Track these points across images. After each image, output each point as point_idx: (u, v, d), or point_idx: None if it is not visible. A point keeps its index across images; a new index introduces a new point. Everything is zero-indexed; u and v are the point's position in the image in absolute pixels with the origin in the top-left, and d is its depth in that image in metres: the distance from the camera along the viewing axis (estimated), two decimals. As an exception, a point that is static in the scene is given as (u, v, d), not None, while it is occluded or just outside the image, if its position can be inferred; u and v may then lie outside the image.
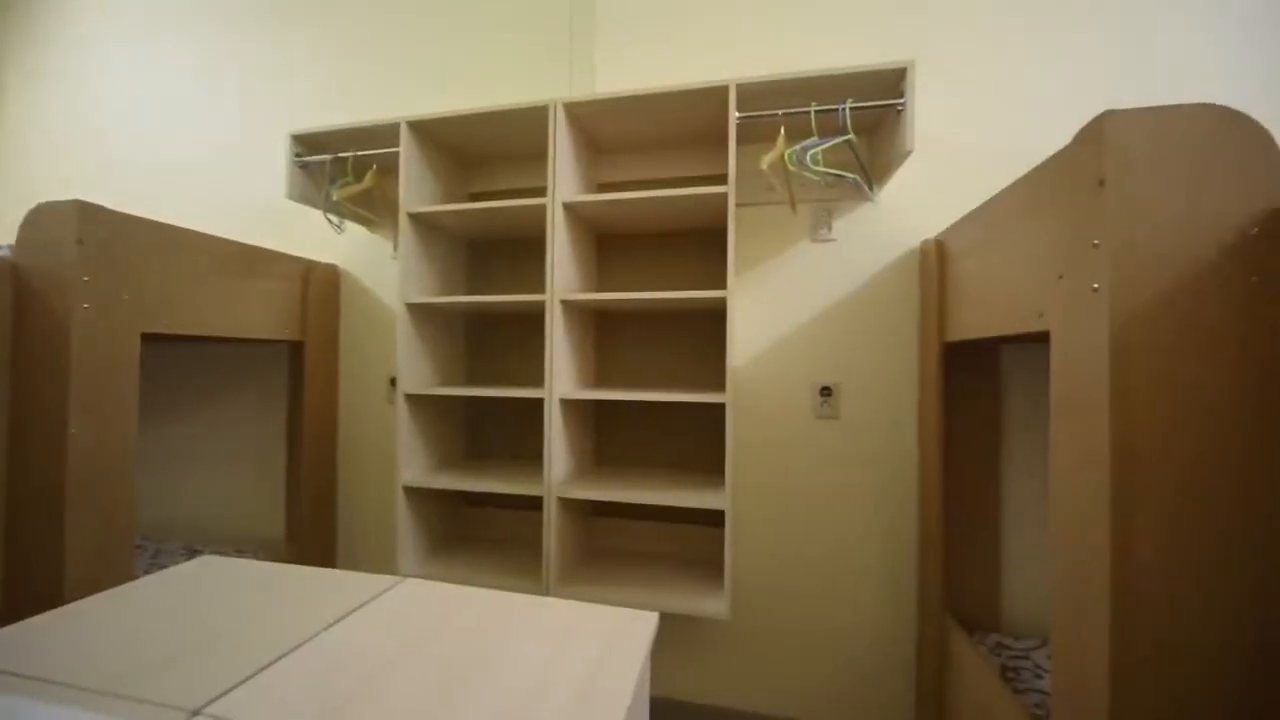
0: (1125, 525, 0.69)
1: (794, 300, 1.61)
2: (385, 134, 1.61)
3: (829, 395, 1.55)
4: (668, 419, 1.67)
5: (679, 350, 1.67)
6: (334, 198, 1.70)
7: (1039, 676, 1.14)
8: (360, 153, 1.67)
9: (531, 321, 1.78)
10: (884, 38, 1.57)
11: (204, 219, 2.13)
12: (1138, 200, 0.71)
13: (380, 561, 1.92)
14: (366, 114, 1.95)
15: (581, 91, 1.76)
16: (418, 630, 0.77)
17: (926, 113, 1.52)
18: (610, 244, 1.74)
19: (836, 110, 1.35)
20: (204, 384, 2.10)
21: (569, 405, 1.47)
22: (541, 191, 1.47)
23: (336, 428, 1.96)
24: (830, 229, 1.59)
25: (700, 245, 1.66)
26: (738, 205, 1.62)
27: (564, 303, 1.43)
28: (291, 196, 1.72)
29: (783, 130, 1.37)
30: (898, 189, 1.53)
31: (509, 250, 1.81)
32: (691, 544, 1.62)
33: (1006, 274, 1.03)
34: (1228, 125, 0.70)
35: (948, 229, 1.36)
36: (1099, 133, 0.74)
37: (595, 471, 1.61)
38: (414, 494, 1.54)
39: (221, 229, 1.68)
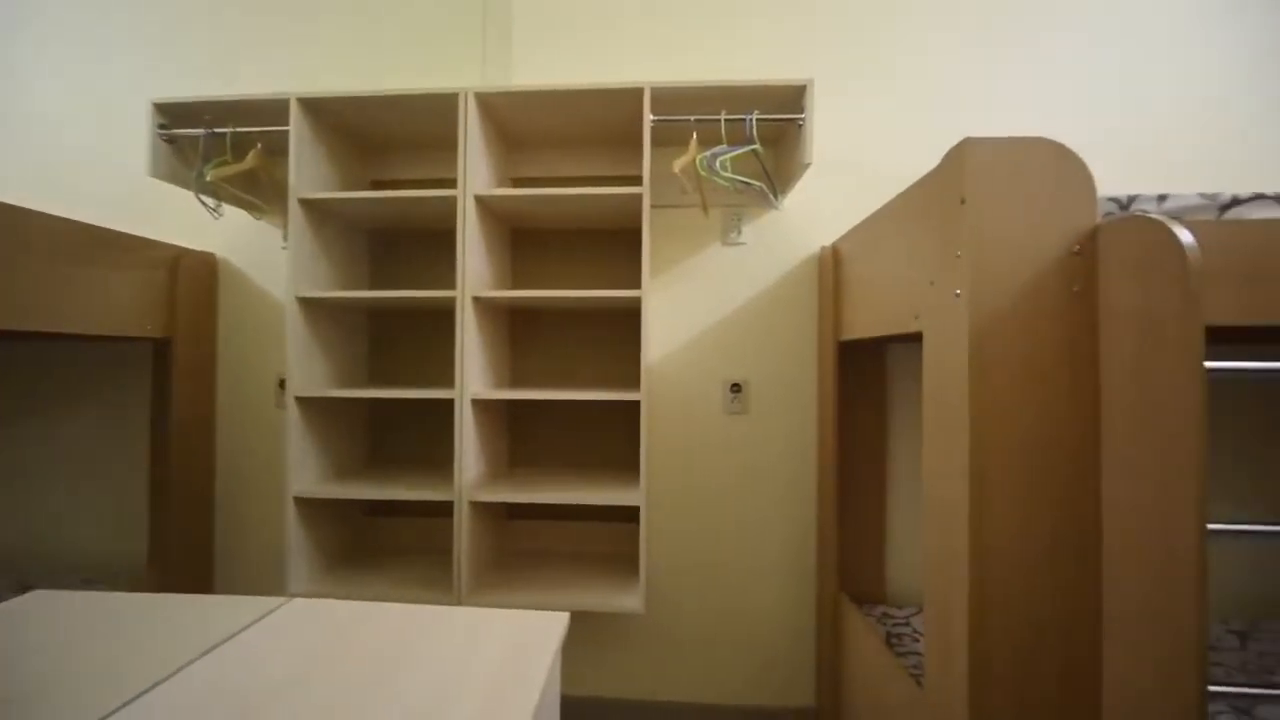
0: (980, 504, 0.79)
1: (707, 301, 1.67)
2: (272, 110, 1.46)
3: (739, 392, 1.63)
4: (585, 418, 1.67)
5: (596, 349, 1.68)
6: (207, 178, 1.51)
7: (916, 640, 1.27)
8: (241, 129, 1.50)
9: (442, 319, 1.70)
10: (788, 56, 1.67)
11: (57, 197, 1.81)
12: (991, 218, 0.82)
13: (269, 583, 1.74)
14: (250, 86, 1.75)
15: (495, 82, 1.71)
16: (304, 656, 0.71)
17: (826, 128, 1.64)
18: (526, 240, 1.70)
19: (744, 120, 1.41)
20: (46, 388, 1.78)
21: (481, 406, 1.42)
22: (452, 183, 1.41)
23: (214, 435, 1.75)
24: (740, 233, 1.67)
25: (617, 244, 1.67)
26: (653, 207, 1.65)
27: (476, 300, 1.38)
28: (155, 174, 1.51)
29: (695, 136, 1.41)
30: (800, 198, 1.64)
31: (417, 244, 1.71)
32: (609, 541, 1.63)
33: (889, 279, 1.14)
34: (1058, 158, 0.82)
35: (842, 236, 1.48)
36: (960, 157, 0.84)
37: (510, 473, 1.57)
38: (307, 506, 1.42)
39: (78, 209, 1.44)
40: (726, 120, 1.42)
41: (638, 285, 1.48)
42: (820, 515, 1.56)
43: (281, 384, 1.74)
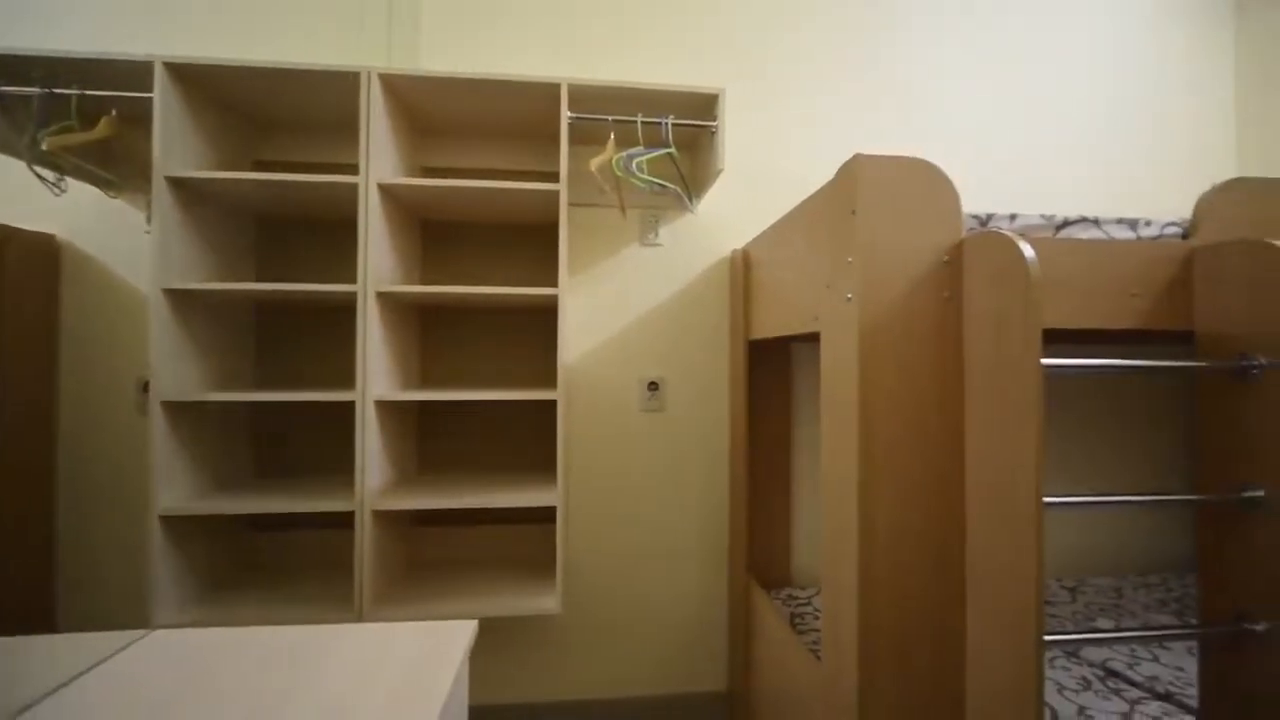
0: (868, 488, 0.87)
1: (625, 300, 1.69)
2: (131, 73, 1.28)
3: (656, 389, 1.66)
4: (500, 418, 1.62)
5: (512, 348, 1.64)
6: (43, 146, 1.29)
7: (817, 618, 1.37)
8: (91, 91, 1.30)
9: (342, 315, 1.58)
10: (703, 67, 1.73)
11: None
12: (878, 228, 0.90)
13: (132, 615, 1.52)
14: (105, 43, 1.52)
15: (403, 64, 1.61)
16: (165, 695, 0.63)
17: (739, 137, 1.71)
18: (438, 234, 1.62)
19: (660, 124, 1.45)
20: None
21: (386, 408, 1.34)
22: (353, 169, 1.31)
23: (54, 446, 1.51)
24: (658, 235, 1.70)
25: (534, 241, 1.64)
26: (571, 205, 1.64)
27: (380, 295, 1.30)
28: (-30, 138, 1.27)
29: (612, 136, 1.42)
30: (714, 202, 1.70)
31: (314, 234, 1.57)
32: (527, 544, 1.60)
33: (792, 282, 1.21)
34: (931, 176, 0.91)
35: (752, 241, 1.55)
36: (851, 172, 0.91)
37: (418, 479, 1.49)
38: (176, 524, 1.26)
39: None
40: (643, 122, 1.44)
41: (555, 283, 1.46)
42: (732, 505, 1.64)
43: (145, 387, 1.53)
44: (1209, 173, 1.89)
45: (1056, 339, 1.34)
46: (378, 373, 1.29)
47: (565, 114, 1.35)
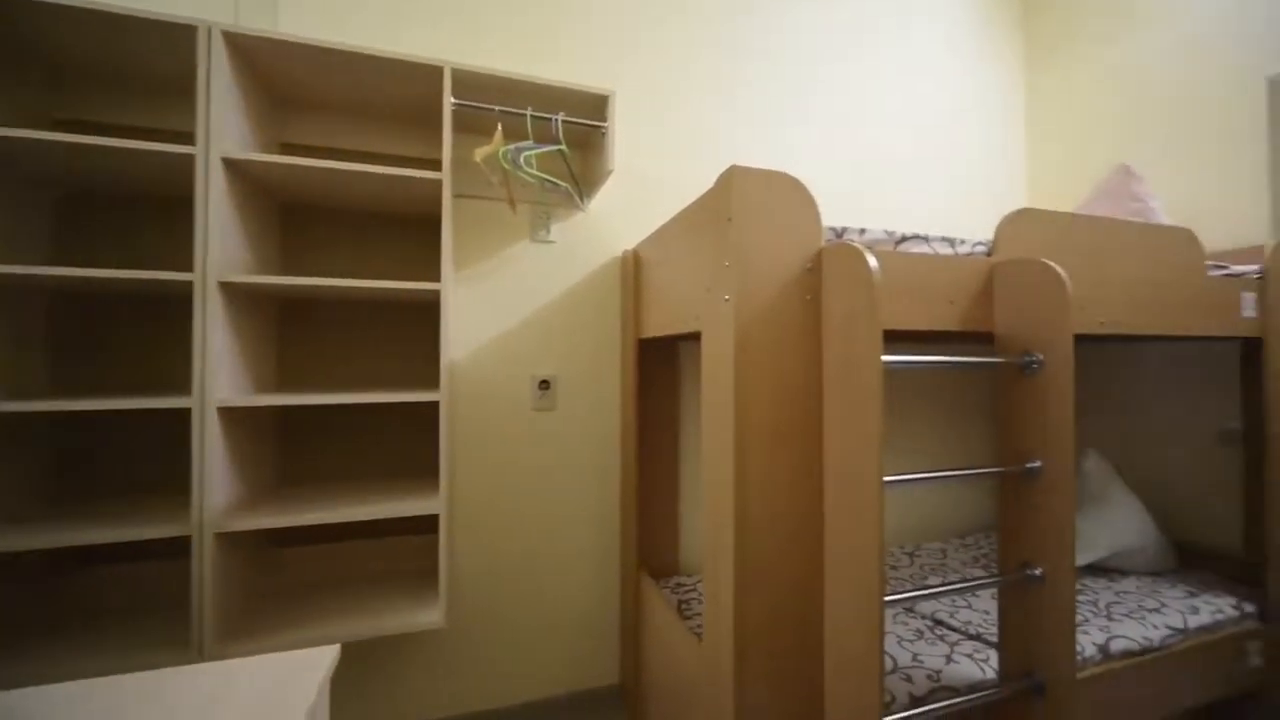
0: (742, 477, 0.94)
1: (515, 297, 1.65)
2: None
3: (547, 388, 1.64)
4: (379, 423, 1.50)
5: (392, 346, 1.52)
6: None
7: (701, 603, 1.44)
8: None
9: (176, 309, 1.36)
10: (596, 64, 1.74)
11: None
12: (752, 235, 0.97)
13: None
14: None
15: (254, 22, 1.43)
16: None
17: (632, 139, 1.75)
18: (304, 220, 1.46)
19: (551, 120, 1.43)
20: None
21: (234, 415, 1.18)
22: (190, 138, 1.14)
23: None
24: (549, 232, 1.68)
25: (419, 234, 1.54)
26: (457, 196, 1.57)
27: (225, 286, 1.14)
28: None
29: (500, 127, 1.38)
30: (606, 201, 1.72)
31: (137, 212, 1.33)
32: (408, 556, 1.50)
33: (677, 284, 1.27)
34: (796, 190, 1.01)
35: (642, 242, 1.60)
36: (728, 181, 0.97)
37: (277, 494, 1.34)
38: (-65, 565, 1.00)
39: None
40: (534, 117, 1.42)
41: (438, 278, 1.38)
42: (623, 500, 1.67)
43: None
44: (1008, 202, 2.30)
45: (901, 339, 1.55)
46: (222, 375, 1.13)
47: (449, 100, 1.29)
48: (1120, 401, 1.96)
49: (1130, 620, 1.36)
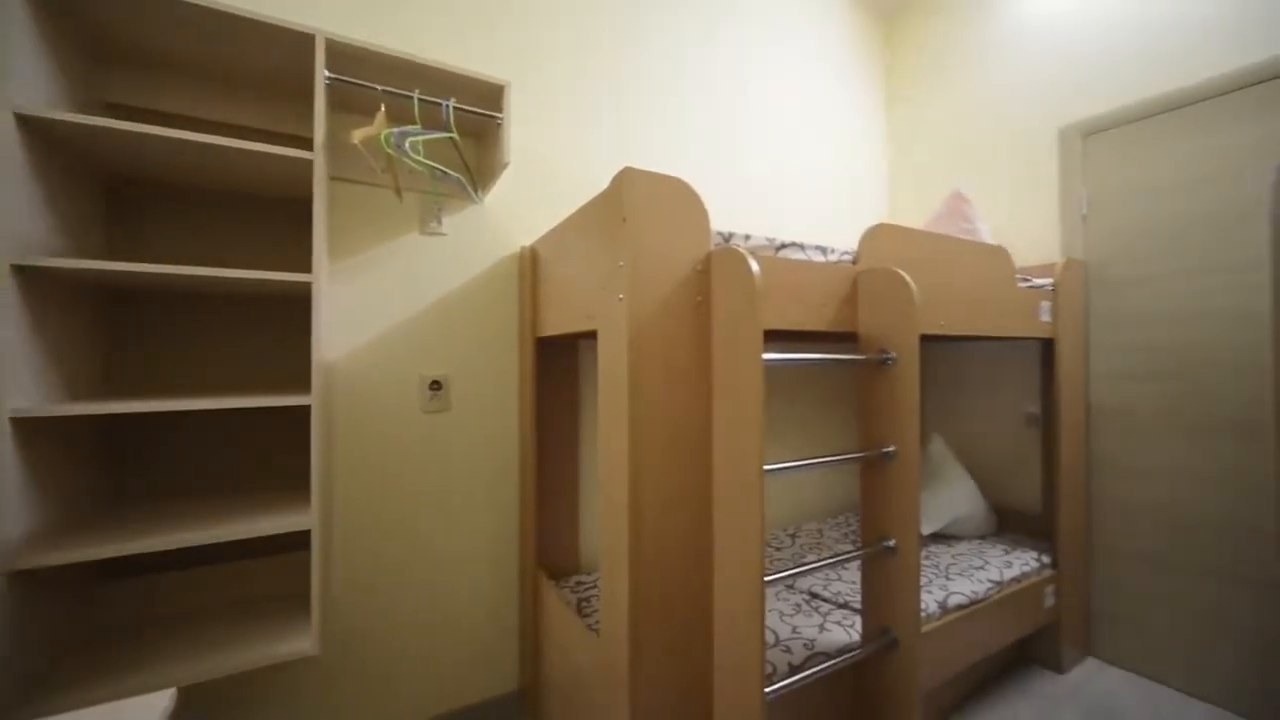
0: (636, 472, 0.96)
1: (403, 292, 1.54)
2: None
3: (439, 389, 1.56)
4: (243, 432, 1.33)
5: (259, 346, 1.35)
6: None
7: (600, 599, 1.46)
8: None
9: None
10: (494, 53, 1.67)
11: None
12: (645, 236, 1.00)
13: None
14: None
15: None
16: None
17: (530, 131, 1.71)
18: (143, 199, 1.24)
19: (442, 106, 1.36)
20: None
21: (33, 427, 0.98)
22: (-36, 85, 0.92)
23: None
24: (440, 224, 1.59)
25: (289, 220, 1.38)
26: (335, 180, 1.43)
27: (21, 270, 0.94)
28: None
29: (383, 108, 1.28)
30: (504, 195, 1.67)
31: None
32: (279, 578, 1.34)
33: (574, 282, 1.27)
34: (687, 194, 1.05)
35: (540, 238, 1.57)
36: (622, 183, 1.00)
37: (105, 518, 1.13)
38: None
39: None
40: (421, 100, 1.34)
41: (309, 268, 1.26)
42: (522, 502, 1.64)
43: None
44: (873, 217, 2.59)
45: (783, 338, 1.68)
46: (16, 378, 0.93)
47: (322, 72, 1.17)
48: (956, 392, 2.29)
49: (962, 578, 1.60)
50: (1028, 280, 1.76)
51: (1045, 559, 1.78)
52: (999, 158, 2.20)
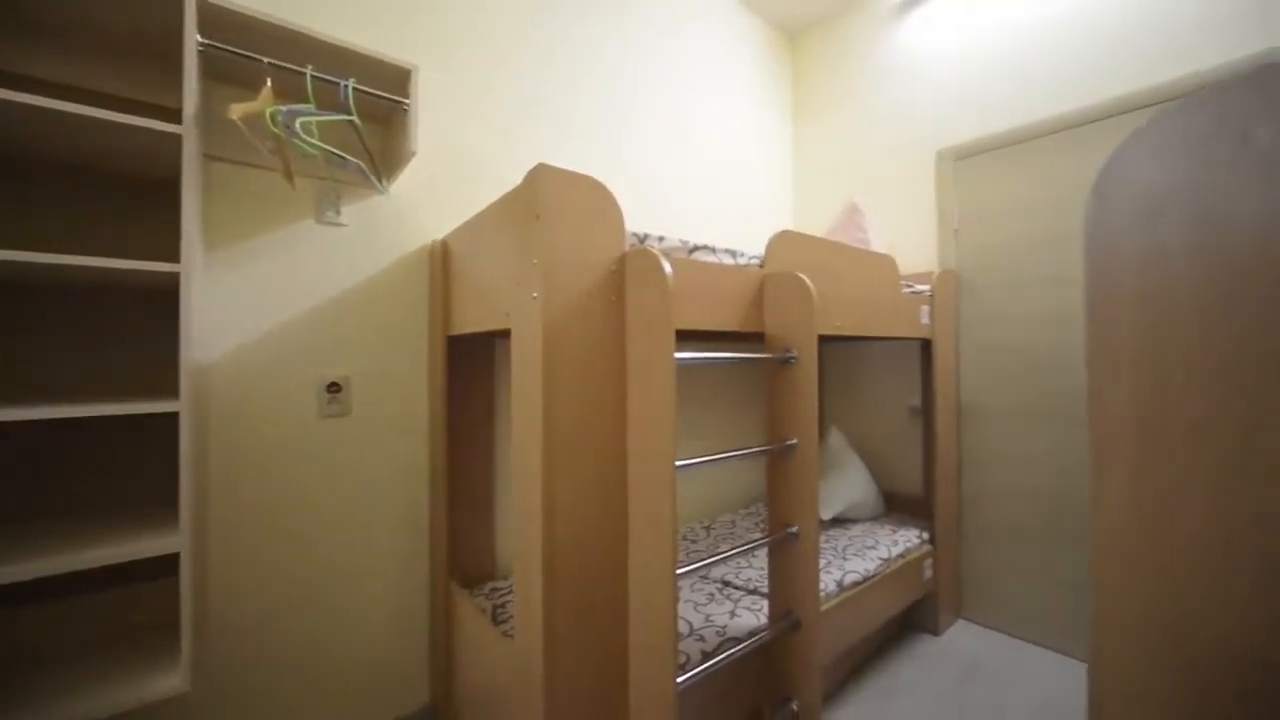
0: (550, 470, 0.96)
1: (296, 286, 1.42)
2: None
3: (338, 391, 1.45)
4: (99, 446, 1.15)
5: (114, 344, 1.18)
6: None
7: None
8: None
9: None
10: (405, 39, 1.58)
11: None
12: (558, 233, 0.99)
13: None
14: None
15: None
16: None
17: (442, 120, 1.64)
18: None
19: (339, 85, 1.26)
20: None
21: None
22: None
23: None
24: (340, 213, 1.48)
25: (169, 204, 1.21)
26: (214, 159, 1.29)
27: None
28: None
29: (269, 83, 1.17)
30: (412, 185, 1.58)
31: None
32: (139, 609, 1.18)
33: (488, 278, 1.23)
34: (602, 193, 1.06)
35: (452, 232, 1.51)
36: (536, 179, 0.98)
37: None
38: None
39: None
40: (316, 78, 1.24)
41: (177, 257, 1.11)
42: (432, 508, 1.57)
43: None
44: (780, 223, 2.76)
45: (697, 337, 1.74)
46: None
47: (192, 36, 1.04)
48: (852, 388, 2.50)
49: (857, 558, 1.75)
50: (910, 287, 1.95)
51: (925, 536, 1.99)
52: (888, 174, 2.43)
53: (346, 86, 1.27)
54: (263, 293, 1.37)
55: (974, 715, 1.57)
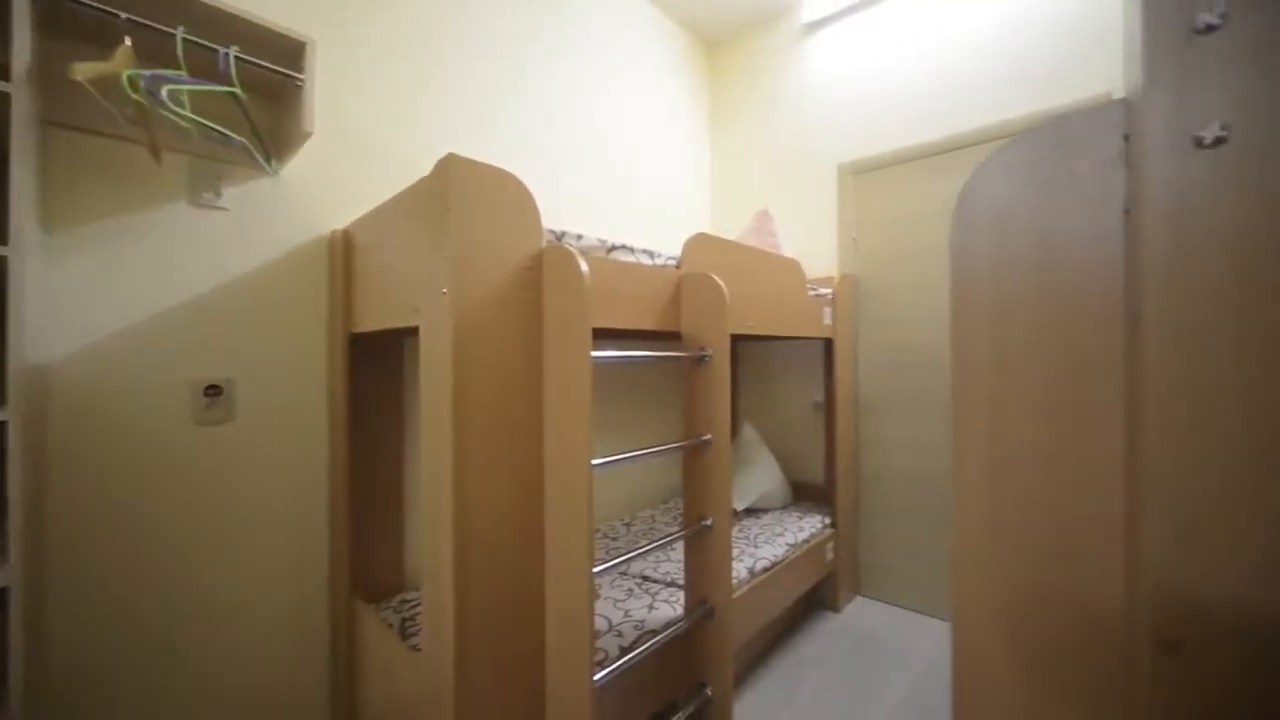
0: (461, 473, 0.92)
1: (164, 275, 1.26)
2: None
3: (218, 394, 1.30)
4: None
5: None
6: None
7: (430, 612, 1.37)
8: None
9: None
10: (306, 11, 1.44)
11: None
12: (470, 228, 0.96)
13: None
14: None
15: None
16: None
17: (343, 101, 1.52)
18: None
19: (218, 52, 1.14)
20: None
21: None
22: None
23: None
24: (220, 196, 1.33)
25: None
26: (52, 124, 1.11)
27: None
28: None
29: (128, 41, 1.02)
30: (309, 169, 1.45)
31: None
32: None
33: (395, 272, 1.17)
34: (518, 188, 1.03)
35: (356, 221, 1.41)
36: (445, 171, 0.94)
37: None
38: None
39: None
40: (189, 41, 1.10)
41: (4, 238, 0.95)
42: (332, 520, 1.45)
43: None
44: (697, 225, 2.84)
45: (615, 336, 1.75)
46: None
47: (23, -20, 0.89)
48: (764, 385, 2.64)
49: (767, 545, 1.86)
50: (815, 290, 2.10)
51: (827, 520, 2.15)
52: (797, 183, 2.59)
53: (227, 55, 1.14)
54: (122, 282, 1.20)
55: (871, 680, 1.73)
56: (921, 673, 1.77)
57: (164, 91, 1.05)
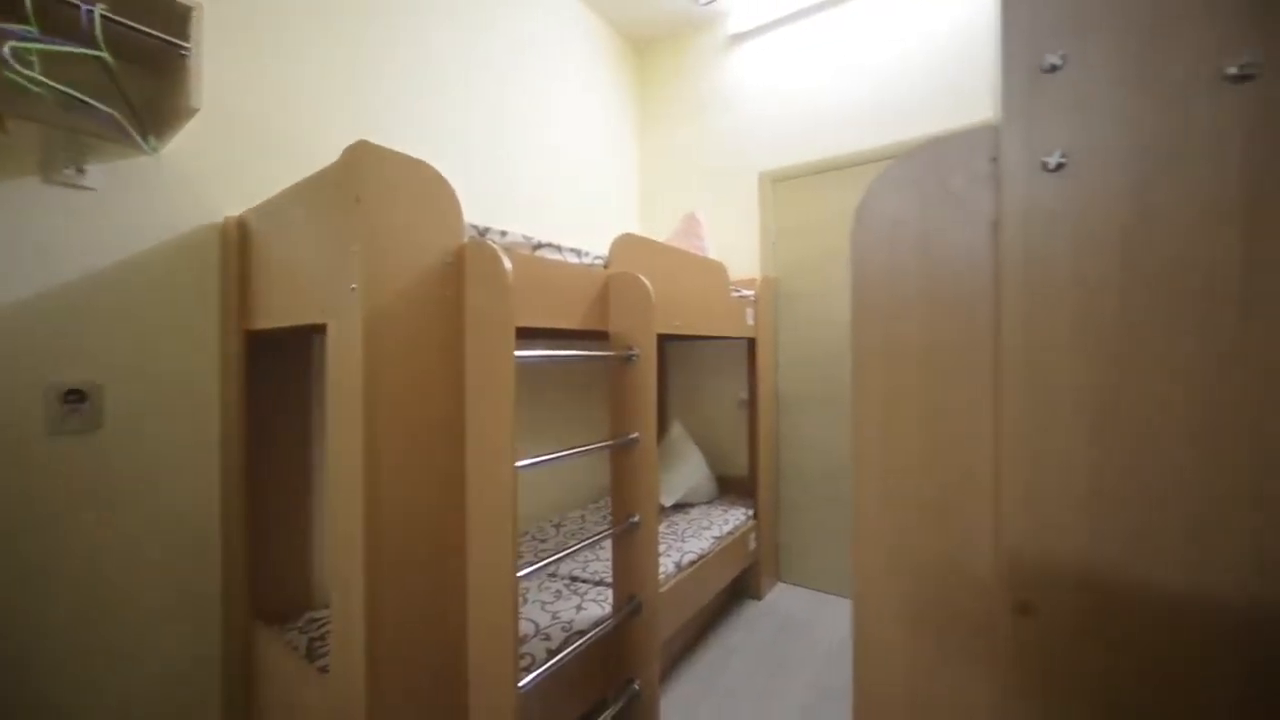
0: (373, 478, 0.87)
1: (9, 264, 1.08)
2: None
3: (81, 401, 1.14)
4: None
5: None
6: None
7: (341, 629, 1.28)
8: None
9: None
10: None
11: None
12: (383, 220, 0.91)
13: None
14: None
15: None
16: None
17: (244, 78, 1.38)
18: None
19: (81, 9, 1.00)
20: None
21: None
22: None
23: None
24: (84, 173, 1.17)
25: None
26: None
27: None
28: None
29: (-42, -10, 0.88)
30: (196, 149, 1.31)
31: None
32: None
33: (299, 265, 1.08)
34: (438, 182, 0.99)
35: (253, 209, 1.29)
36: (357, 158, 0.89)
37: None
38: None
39: None
40: (39, -7, 0.96)
41: None
42: (225, 537, 1.32)
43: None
44: (624, 225, 2.87)
45: (541, 335, 1.73)
46: None
47: None
48: (692, 384, 2.71)
49: (694, 538, 1.91)
50: (739, 291, 2.18)
51: (749, 512, 2.24)
52: (722, 189, 2.68)
53: (91, 12, 1.01)
54: (-50, 270, 1.02)
55: (791, 661, 1.82)
56: (833, 650, 1.89)
57: (7, 49, 0.91)
